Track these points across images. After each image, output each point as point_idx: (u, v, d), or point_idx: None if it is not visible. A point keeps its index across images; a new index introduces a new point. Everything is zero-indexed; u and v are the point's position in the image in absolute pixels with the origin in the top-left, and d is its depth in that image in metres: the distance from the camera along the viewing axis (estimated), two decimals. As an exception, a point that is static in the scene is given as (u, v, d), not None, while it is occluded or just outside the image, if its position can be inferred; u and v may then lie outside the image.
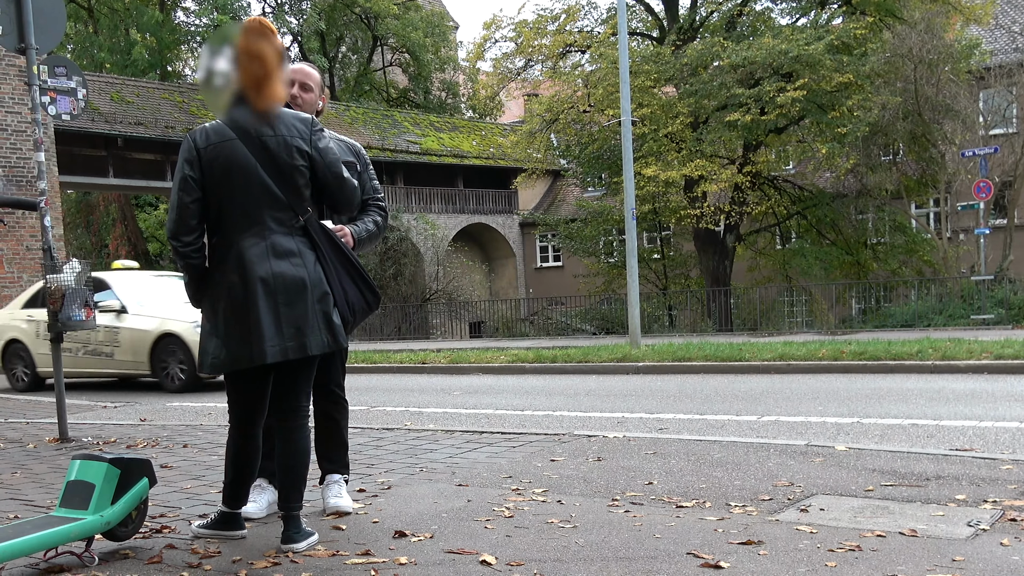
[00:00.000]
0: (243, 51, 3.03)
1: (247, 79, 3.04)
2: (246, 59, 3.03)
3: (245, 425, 3.25)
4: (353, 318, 3.25)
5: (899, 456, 4.44)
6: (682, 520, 3.40)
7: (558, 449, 5.05)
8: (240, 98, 3.08)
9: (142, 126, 26.24)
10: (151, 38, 33.86)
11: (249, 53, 3.03)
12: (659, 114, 21.80)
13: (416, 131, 34.71)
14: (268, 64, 3.05)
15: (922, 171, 22.30)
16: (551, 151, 26.60)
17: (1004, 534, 3.06)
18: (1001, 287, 18.32)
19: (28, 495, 4.31)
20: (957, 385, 8.13)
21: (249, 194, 3.06)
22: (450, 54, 41.45)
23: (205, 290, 3.15)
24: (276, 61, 3.07)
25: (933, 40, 19.93)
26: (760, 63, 20.36)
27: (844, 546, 2.96)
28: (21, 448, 6.00)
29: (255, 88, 3.05)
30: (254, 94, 3.05)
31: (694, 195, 22.29)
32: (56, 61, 6.80)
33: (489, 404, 8.35)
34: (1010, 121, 21.98)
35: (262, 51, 3.03)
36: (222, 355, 3.07)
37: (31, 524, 3.00)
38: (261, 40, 3.04)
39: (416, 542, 3.20)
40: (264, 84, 3.05)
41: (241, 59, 3.03)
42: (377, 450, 5.21)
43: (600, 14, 25.63)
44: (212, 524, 3.35)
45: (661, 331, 21.42)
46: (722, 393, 8.33)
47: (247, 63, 3.03)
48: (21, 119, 17.89)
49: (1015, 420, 5.96)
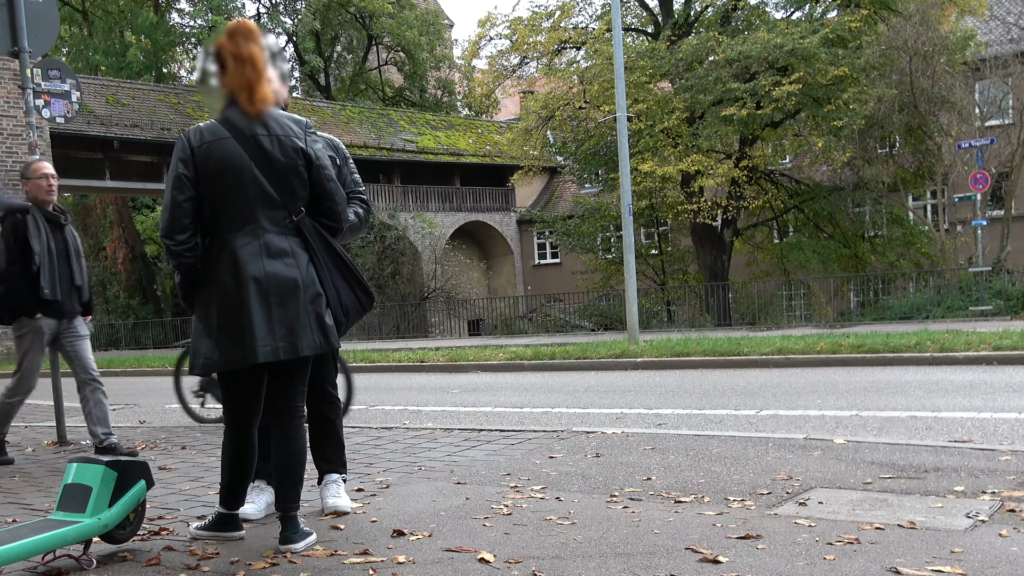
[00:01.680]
0: (231, 55, 3.03)
1: (237, 83, 3.04)
2: (234, 63, 3.03)
3: (241, 426, 3.24)
4: (346, 319, 3.24)
5: (898, 448, 4.44)
6: (681, 515, 3.39)
7: (556, 446, 5.05)
8: (231, 101, 3.08)
9: (138, 128, 26.19)
10: (146, 40, 33.78)
11: (237, 57, 3.02)
12: (655, 110, 21.80)
13: (412, 130, 34.68)
14: (257, 67, 3.04)
15: (919, 163, 22.30)
16: (547, 148, 26.59)
17: (1003, 525, 3.06)
18: (999, 278, 18.32)
19: (26, 499, 4.31)
20: (955, 377, 8.14)
21: (242, 193, 3.05)
22: (445, 52, 41.39)
23: (198, 290, 3.15)
24: (264, 63, 3.07)
25: (928, 32, 19.92)
26: (755, 57, 20.35)
27: (843, 539, 2.96)
28: (19, 451, 5.99)
29: (246, 91, 3.04)
30: (245, 98, 3.04)
31: (691, 190, 22.29)
32: (50, 64, 6.79)
33: (488, 402, 8.35)
34: (1006, 112, 21.98)
35: (251, 54, 3.03)
36: (215, 356, 3.06)
37: (29, 528, 2.99)
38: (248, 43, 3.04)
39: (415, 541, 3.20)
40: (255, 87, 3.04)
41: (229, 63, 3.03)
42: (375, 449, 5.21)
43: (595, 10, 25.61)
44: (210, 525, 3.34)
45: (659, 327, 21.43)
46: (720, 388, 8.33)
47: (235, 67, 3.03)
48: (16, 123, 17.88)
49: (1013, 411, 5.96)
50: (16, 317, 5.39)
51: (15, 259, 5.27)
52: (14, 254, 5.28)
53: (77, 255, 5.55)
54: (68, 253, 5.47)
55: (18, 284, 5.30)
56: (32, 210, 5.36)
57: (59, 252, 5.41)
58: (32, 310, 5.35)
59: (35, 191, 5.43)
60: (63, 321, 5.51)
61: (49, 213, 5.45)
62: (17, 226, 5.29)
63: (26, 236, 5.28)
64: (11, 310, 5.38)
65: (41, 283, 5.28)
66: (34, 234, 5.29)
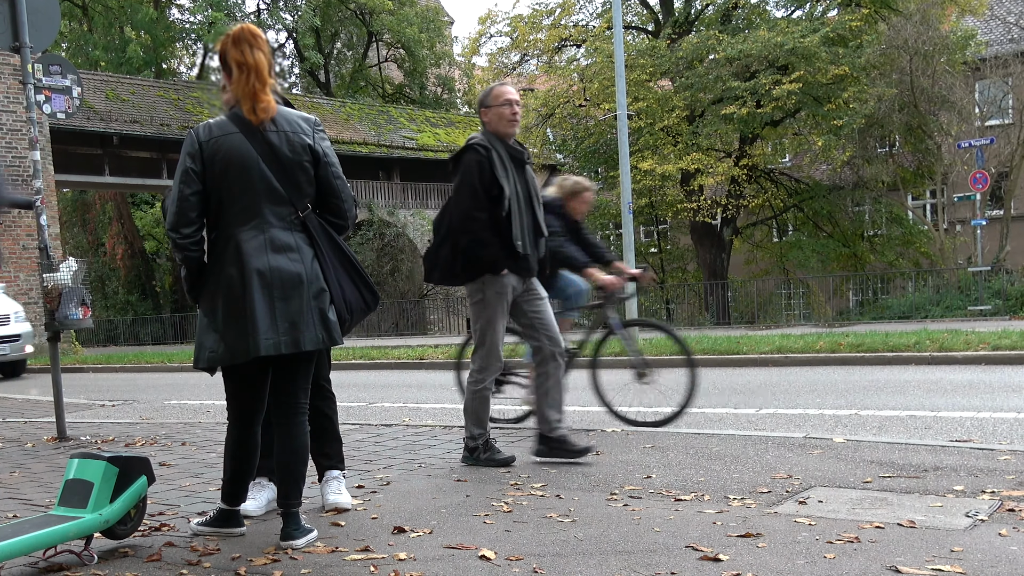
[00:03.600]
0: (235, 62, 3.05)
1: (241, 91, 3.07)
2: (238, 71, 3.06)
3: (244, 422, 3.25)
4: (350, 317, 3.25)
5: (897, 447, 4.45)
6: (681, 513, 3.40)
7: (557, 443, 5.05)
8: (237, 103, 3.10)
9: (137, 124, 26.17)
10: (146, 36, 33.72)
11: (241, 65, 3.06)
12: (655, 108, 21.81)
13: (412, 127, 34.65)
14: (261, 76, 3.07)
15: (918, 163, 22.33)
16: (547, 145, 26.60)
17: (1002, 524, 3.06)
18: (998, 278, 18.35)
19: (27, 494, 4.31)
20: (955, 376, 8.14)
21: (249, 187, 3.07)
22: (445, 49, 41.35)
23: (203, 285, 3.15)
24: (268, 71, 3.10)
25: (928, 31, 19.94)
26: (756, 56, 20.37)
27: (843, 538, 2.97)
28: (19, 447, 5.99)
29: (250, 100, 3.07)
30: (248, 107, 3.07)
31: (691, 188, 22.31)
32: (51, 59, 6.78)
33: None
34: (1006, 112, 22.02)
35: (256, 62, 3.06)
36: (219, 349, 3.07)
37: (30, 523, 2.99)
38: (254, 49, 3.06)
39: (415, 537, 3.20)
40: (258, 96, 3.07)
41: (233, 70, 3.06)
42: (376, 446, 5.21)
43: (595, 8, 25.64)
44: (211, 521, 3.35)
45: (659, 325, 21.40)
46: (720, 386, 8.34)
47: (239, 75, 3.06)
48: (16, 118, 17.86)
49: (1013, 411, 5.97)
50: (478, 275, 4.44)
51: (481, 204, 4.35)
52: (480, 198, 4.35)
53: (539, 201, 4.61)
54: (531, 198, 4.53)
55: (484, 235, 4.36)
56: (494, 143, 4.44)
57: (524, 196, 4.49)
58: (498, 265, 4.40)
59: (496, 121, 4.47)
60: (524, 281, 4.57)
61: (512, 148, 4.49)
62: (482, 164, 4.37)
63: (493, 175, 4.35)
64: (474, 266, 4.43)
65: (513, 232, 4.38)
66: (501, 173, 4.38)
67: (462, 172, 4.39)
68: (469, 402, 4.63)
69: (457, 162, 4.46)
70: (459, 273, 4.46)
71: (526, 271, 4.51)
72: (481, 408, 4.59)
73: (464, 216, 4.35)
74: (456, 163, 4.46)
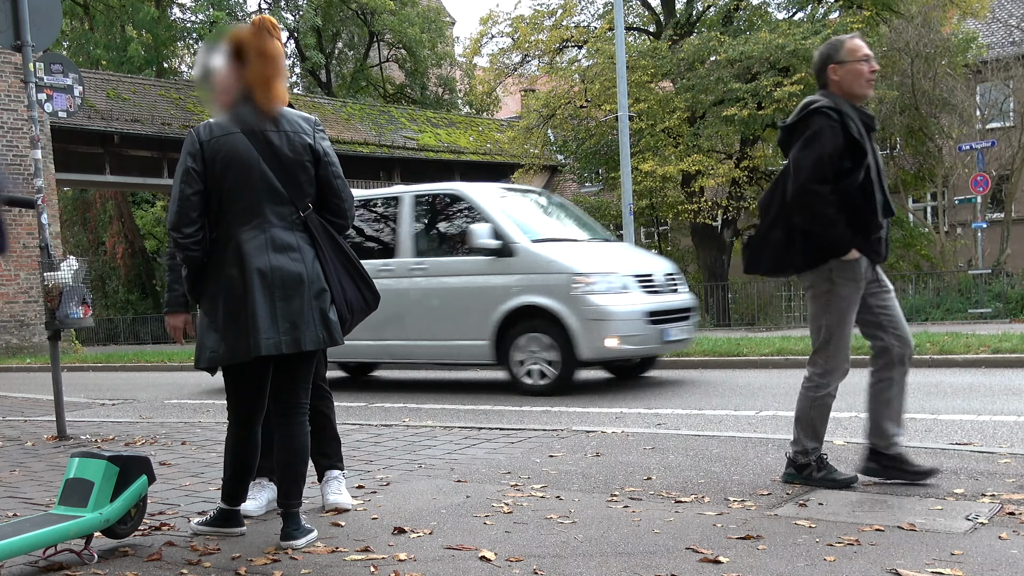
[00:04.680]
0: (254, 50, 3.05)
1: (257, 78, 3.06)
2: (257, 58, 3.05)
3: (244, 422, 3.25)
4: (351, 316, 3.25)
5: (897, 450, 4.44)
6: (681, 515, 3.40)
7: (556, 445, 5.06)
8: (245, 96, 3.09)
9: (138, 123, 26.17)
10: (147, 35, 33.72)
11: (261, 52, 3.06)
12: (656, 109, 21.81)
13: (413, 127, 34.64)
14: (278, 63, 3.09)
15: (919, 165, 22.33)
16: (548, 146, 26.61)
17: (1002, 528, 3.06)
18: (999, 281, 18.35)
19: (27, 493, 4.31)
20: (955, 379, 8.14)
21: (250, 187, 3.07)
22: (447, 50, 41.36)
23: (204, 284, 3.16)
24: (283, 60, 3.12)
25: (930, 34, 19.95)
26: (757, 58, 20.37)
27: (843, 540, 2.97)
28: (20, 446, 5.99)
29: (265, 87, 3.07)
30: (262, 93, 3.07)
31: (691, 190, 22.31)
32: (52, 58, 6.78)
33: (487, 400, 8.35)
34: (1007, 115, 22.02)
35: (275, 50, 3.08)
36: (220, 349, 3.07)
37: (30, 522, 2.99)
38: (273, 39, 3.08)
39: (415, 538, 3.20)
40: (273, 83, 3.08)
41: (251, 58, 3.05)
42: (376, 446, 5.21)
43: (597, 9, 25.64)
44: (211, 521, 3.35)
45: (659, 326, 21.39)
46: (720, 388, 8.34)
47: (257, 62, 3.06)
48: (17, 116, 17.89)
49: (1013, 414, 5.97)
50: (823, 260, 3.66)
51: (825, 175, 3.56)
52: (825, 169, 3.55)
53: (880, 173, 3.75)
54: (879, 171, 3.73)
55: (828, 211, 3.56)
56: (843, 107, 3.64)
57: (877, 168, 3.71)
58: (849, 245, 3.60)
59: (851, 80, 3.67)
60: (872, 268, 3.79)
61: (864, 113, 3.72)
62: (835, 130, 3.57)
63: (851, 140, 3.58)
64: (819, 249, 3.65)
65: (875, 207, 3.64)
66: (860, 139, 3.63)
67: (807, 139, 3.59)
68: (805, 411, 3.86)
69: (793, 130, 3.70)
70: (797, 259, 3.70)
71: (877, 255, 3.74)
72: (819, 418, 3.84)
73: (800, 189, 3.56)
74: (792, 131, 3.70)
